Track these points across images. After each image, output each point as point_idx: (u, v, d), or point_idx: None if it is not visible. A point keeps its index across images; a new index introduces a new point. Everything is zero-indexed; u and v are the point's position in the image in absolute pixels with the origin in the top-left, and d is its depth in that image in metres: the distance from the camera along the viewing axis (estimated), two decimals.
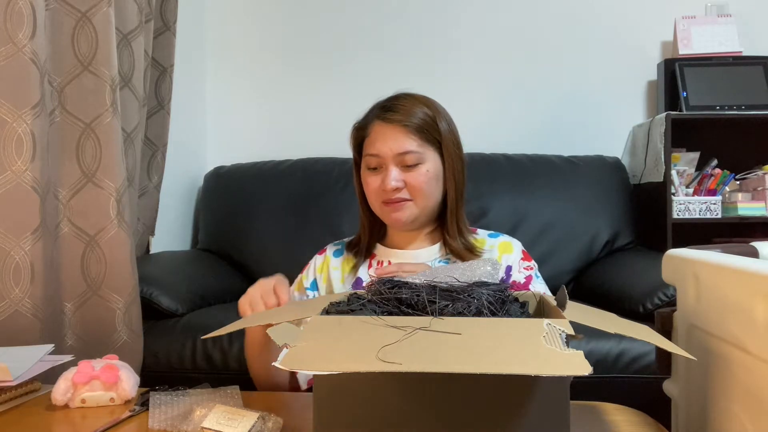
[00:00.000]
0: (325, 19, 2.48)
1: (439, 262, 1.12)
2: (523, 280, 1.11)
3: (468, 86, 2.44)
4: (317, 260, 1.20)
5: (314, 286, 1.17)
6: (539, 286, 1.11)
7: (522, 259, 1.14)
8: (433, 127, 1.08)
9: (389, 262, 1.11)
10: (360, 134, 1.12)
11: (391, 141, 1.05)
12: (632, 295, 1.57)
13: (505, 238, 1.16)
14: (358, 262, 1.14)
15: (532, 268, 1.13)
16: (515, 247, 1.15)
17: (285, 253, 2.02)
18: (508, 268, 1.12)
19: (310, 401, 0.55)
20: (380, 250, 1.16)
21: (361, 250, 1.15)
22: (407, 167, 1.06)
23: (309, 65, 2.48)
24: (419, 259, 1.11)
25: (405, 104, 1.08)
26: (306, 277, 1.18)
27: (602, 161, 2.20)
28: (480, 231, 1.18)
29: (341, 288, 1.14)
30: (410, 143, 1.05)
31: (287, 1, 2.49)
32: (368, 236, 1.16)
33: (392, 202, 1.06)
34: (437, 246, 1.14)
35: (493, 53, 2.44)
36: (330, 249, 1.20)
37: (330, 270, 1.17)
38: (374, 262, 1.14)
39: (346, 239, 1.21)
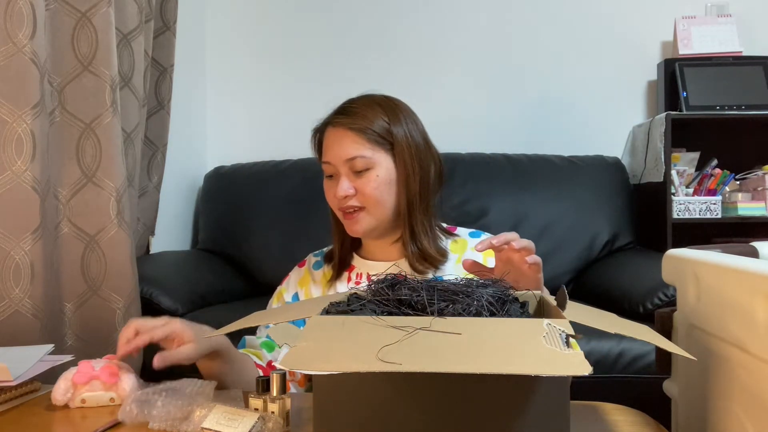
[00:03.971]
0: (325, 19, 2.48)
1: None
2: None
3: (468, 86, 2.44)
4: (297, 273, 1.15)
5: (296, 299, 1.12)
6: None
7: None
8: (385, 129, 1.03)
9: (368, 275, 1.06)
10: (318, 139, 1.09)
11: (338, 147, 1.02)
12: (632, 295, 1.57)
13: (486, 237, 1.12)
14: (333, 275, 1.09)
15: None
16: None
17: (285, 253, 2.02)
18: None
19: (310, 401, 0.55)
20: (358, 261, 1.11)
21: (336, 262, 1.10)
22: (357, 173, 1.02)
23: (309, 65, 2.48)
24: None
25: (357, 106, 1.05)
26: (286, 289, 1.14)
27: (602, 161, 2.20)
28: (460, 230, 1.13)
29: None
30: (357, 148, 1.01)
31: (287, 1, 2.49)
32: (340, 246, 1.11)
33: (347, 213, 1.03)
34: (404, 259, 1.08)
35: (493, 53, 2.44)
36: (309, 261, 1.16)
37: (311, 286, 1.12)
38: (353, 275, 1.09)
39: (326, 249, 1.17)
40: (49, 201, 1.30)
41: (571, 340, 0.51)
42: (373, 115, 1.03)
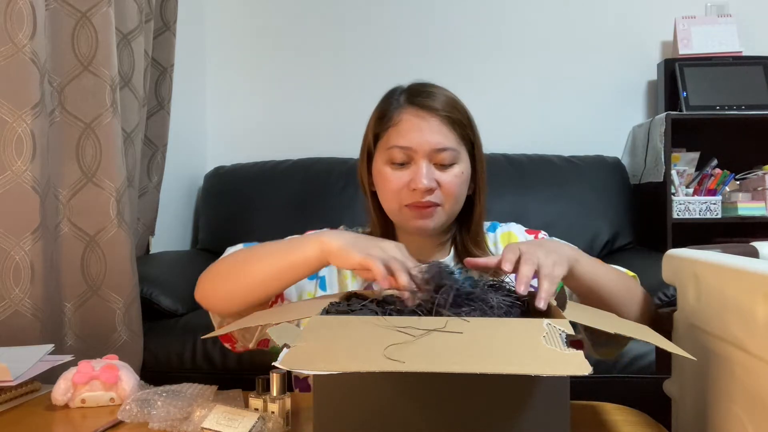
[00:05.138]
0: (325, 18, 2.48)
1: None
2: None
3: (468, 86, 2.42)
4: None
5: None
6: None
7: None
8: (470, 125, 0.97)
9: None
10: (384, 123, 0.96)
11: (428, 133, 0.91)
12: None
13: (504, 229, 1.10)
14: None
15: (540, 233, 1.06)
16: (518, 233, 1.08)
17: None
18: None
19: (310, 401, 0.55)
20: None
21: None
22: (440, 166, 0.93)
23: (309, 65, 2.48)
24: None
25: (439, 93, 0.96)
26: None
27: (602, 161, 2.20)
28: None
29: (351, 286, 1.04)
30: (449, 139, 0.92)
31: (287, 1, 2.49)
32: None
33: (420, 207, 0.92)
34: (450, 257, 1.04)
35: (493, 53, 2.44)
36: None
37: None
38: None
39: (359, 230, 1.07)
40: (49, 201, 1.30)
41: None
42: (460, 108, 0.97)
